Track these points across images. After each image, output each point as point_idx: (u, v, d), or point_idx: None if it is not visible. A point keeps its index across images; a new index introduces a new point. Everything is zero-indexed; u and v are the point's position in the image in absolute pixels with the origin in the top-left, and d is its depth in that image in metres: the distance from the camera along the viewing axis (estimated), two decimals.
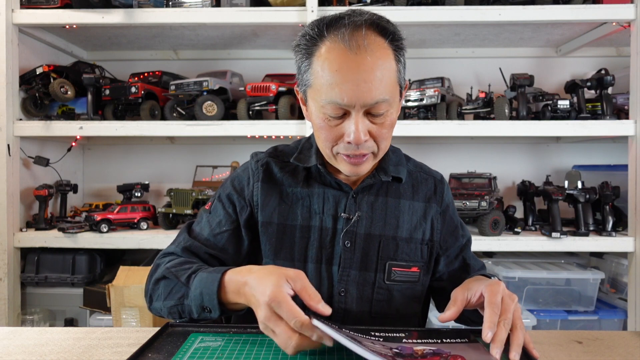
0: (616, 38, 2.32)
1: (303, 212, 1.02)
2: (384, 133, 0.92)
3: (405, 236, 1.02)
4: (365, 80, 0.84)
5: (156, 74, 2.39)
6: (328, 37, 0.87)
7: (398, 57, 0.91)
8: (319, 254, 1.00)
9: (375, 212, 1.02)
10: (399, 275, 1.01)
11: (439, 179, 1.12)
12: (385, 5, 2.05)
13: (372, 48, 0.85)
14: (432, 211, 1.06)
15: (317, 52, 0.89)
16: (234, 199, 1.05)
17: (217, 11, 2.08)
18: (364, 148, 0.91)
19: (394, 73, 0.89)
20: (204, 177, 2.52)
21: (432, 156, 2.62)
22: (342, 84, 0.85)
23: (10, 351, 0.81)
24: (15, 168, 2.11)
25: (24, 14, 2.09)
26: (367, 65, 0.84)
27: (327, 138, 0.92)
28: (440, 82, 2.20)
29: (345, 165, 0.95)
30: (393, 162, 1.06)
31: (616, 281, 2.18)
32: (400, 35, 0.91)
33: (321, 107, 0.90)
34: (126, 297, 1.91)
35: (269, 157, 1.07)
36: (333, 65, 0.86)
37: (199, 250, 1.01)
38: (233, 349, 0.78)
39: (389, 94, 0.88)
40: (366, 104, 0.86)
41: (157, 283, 0.96)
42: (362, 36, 0.85)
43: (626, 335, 0.90)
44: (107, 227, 2.11)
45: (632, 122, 2.01)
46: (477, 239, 2.03)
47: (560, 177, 2.45)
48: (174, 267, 0.93)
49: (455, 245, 1.10)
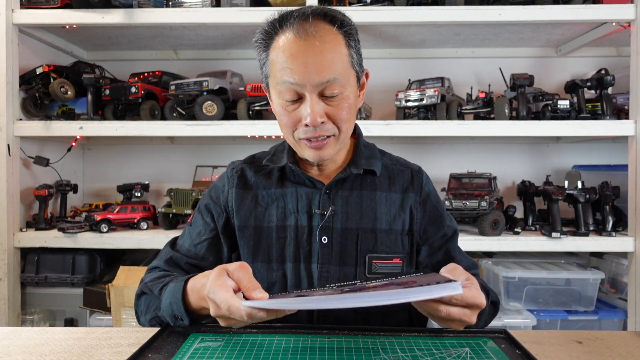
0: (616, 38, 2.32)
1: (278, 212, 1.03)
2: (343, 115, 0.94)
3: (384, 228, 1.02)
4: (314, 62, 0.89)
5: (156, 74, 2.39)
6: (281, 30, 0.93)
7: (349, 43, 0.94)
8: (296, 252, 1.01)
9: (350, 206, 1.02)
10: (381, 268, 1.01)
11: (416, 169, 1.12)
12: (385, 5, 2.05)
13: (321, 34, 0.90)
14: (411, 201, 1.06)
15: (272, 45, 0.95)
16: (210, 207, 1.08)
17: (217, 11, 2.08)
18: (323, 130, 0.94)
19: (345, 57, 0.93)
20: (204, 177, 2.52)
21: (432, 156, 2.62)
22: (293, 67, 0.90)
23: (10, 351, 0.81)
24: (15, 168, 2.11)
25: (24, 14, 2.09)
26: (316, 49, 0.89)
27: (287, 124, 0.96)
28: (440, 82, 2.20)
29: (308, 151, 0.97)
30: (365, 156, 1.07)
31: (616, 281, 2.18)
32: (349, 22, 0.96)
33: (279, 93, 0.94)
34: (126, 297, 1.91)
35: (244, 163, 1.11)
36: (285, 52, 0.91)
37: (180, 261, 1.05)
38: (233, 349, 0.78)
39: (340, 74, 0.91)
40: (317, 83, 0.90)
41: (139, 299, 1.02)
42: (310, 24, 0.90)
43: (626, 335, 0.90)
44: (107, 227, 2.11)
45: (632, 122, 2.01)
46: (477, 239, 2.03)
47: (560, 177, 2.45)
48: (150, 281, 0.99)
49: (437, 234, 1.08)
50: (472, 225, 2.27)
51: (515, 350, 0.79)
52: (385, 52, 2.59)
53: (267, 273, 1.02)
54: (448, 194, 2.12)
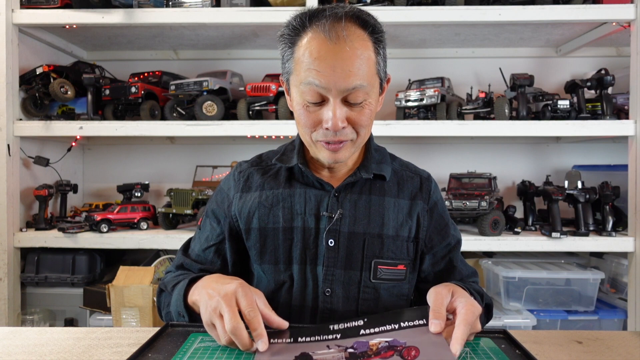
0: (616, 38, 2.32)
1: (285, 213, 1.02)
2: (363, 120, 0.93)
3: (391, 234, 1.02)
4: (343, 67, 0.87)
5: (156, 74, 2.39)
6: (310, 28, 0.91)
7: (377, 50, 0.93)
8: (303, 254, 1.00)
9: (358, 210, 1.02)
10: (385, 274, 1.01)
11: (425, 176, 1.11)
12: (385, 5, 2.05)
13: (352, 39, 0.88)
14: (418, 208, 1.05)
15: (299, 42, 0.92)
16: (216, 212, 1.09)
17: (217, 11, 2.08)
18: (342, 135, 0.93)
19: (372, 64, 0.91)
20: (204, 177, 2.52)
21: (432, 156, 2.62)
22: (320, 69, 0.88)
23: (10, 351, 0.81)
24: (15, 168, 2.11)
25: (24, 14, 2.09)
26: (346, 54, 0.87)
27: (306, 124, 0.94)
28: (440, 82, 2.20)
29: (324, 152, 0.96)
30: (376, 160, 1.06)
31: (616, 281, 2.18)
32: (380, 28, 0.94)
33: (301, 93, 0.92)
34: (126, 297, 1.91)
35: (251, 166, 1.10)
36: (313, 53, 0.88)
37: (191, 266, 1.08)
38: (233, 349, 0.78)
39: (366, 81, 0.90)
40: (343, 89, 0.88)
41: (160, 296, 1.06)
42: (342, 27, 0.88)
43: (626, 335, 0.90)
44: (107, 227, 2.11)
45: (632, 122, 2.01)
46: (477, 239, 2.03)
47: (560, 177, 2.44)
48: (168, 279, 1.04)
49: (442, 244, 1.08)
50: (472, 225, 2.27)
51: (515, 350, 0.79)
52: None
53: (275, 275, 1.01)
54: (448, 194, 2.12)
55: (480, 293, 1.03)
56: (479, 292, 1.03)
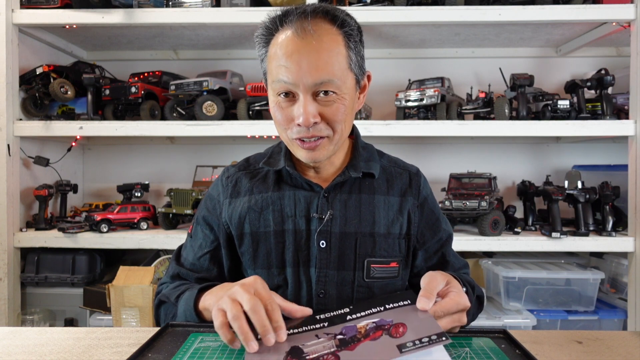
0: (616, 38, 2.32)
1: (275, 217, 1.01)
2: (337, 116, 0.92)
3: (382, 232, 1.01)
4: (309, 62, 0.88)
5: (156, 74, 2.39)
6: (281, 27, 0.92)
7: (349, 44, 0.92)
8: (295, 257, 0.99)
9: (349, 209, 1.01)
10: (379, 272, 1.01)
11: (414, 172, 1.10)
12: (385, 5, 2.05)
13: (319, 33, 0.89)
14: (409, 204, 1.05)
15: (272, 41, 0.93)
16: (208, 219, 1.08)
17: (217, 11, 2.08)
18: (316, 130, 0.92)
19: (343, 58, 0.91)
20: (204, 177, 2.52)
21: (432, 156, 2.62)
22: (288, 65, 0.88)
23: (10, 351, 0.81)
24: (15, 168, 2.11)
25: (24, 14, 2.09)
26: (312, 48, 0.88)
27: (281, 122, 0.95)
28: (440, 82, 2.20)
29: (301, 151, 0.96)
30: (364, 158, 1.06)
31: (616, 281, 2.18)
32: (350, 22, 0.93)
33: (273, 91, 0.93)
34: (126, 297, 1.91)
35: (238, 171, 1.10)
36: (282, 50, 0.90)
37: (187, 276, 1.06)
38: (233, 349, 0.78)
39: (335, 76, 0.89)
40: (310, 84, 0.88)
41: (158, 309, 1.04)
42: (309, 22, 0.89)
43: (626, 335, 0.90)
44: (107, 227, 2.11)
45: (632, 122, 2.01)
46: (477, 239, 2.03)
47: (560, 177, 2.44)
48: (168, 291, 1.01)
49: (434, 239, 1.08)
50: (472, 225, 2.27)
51: (515, 350, 0.79)
52: (385, 52, 2.59)
53: (269, 279, 1.00)
54: (448, 194, 2.12)
55: (471, 284, 1.03)
56: (469, 282, 1.02)
